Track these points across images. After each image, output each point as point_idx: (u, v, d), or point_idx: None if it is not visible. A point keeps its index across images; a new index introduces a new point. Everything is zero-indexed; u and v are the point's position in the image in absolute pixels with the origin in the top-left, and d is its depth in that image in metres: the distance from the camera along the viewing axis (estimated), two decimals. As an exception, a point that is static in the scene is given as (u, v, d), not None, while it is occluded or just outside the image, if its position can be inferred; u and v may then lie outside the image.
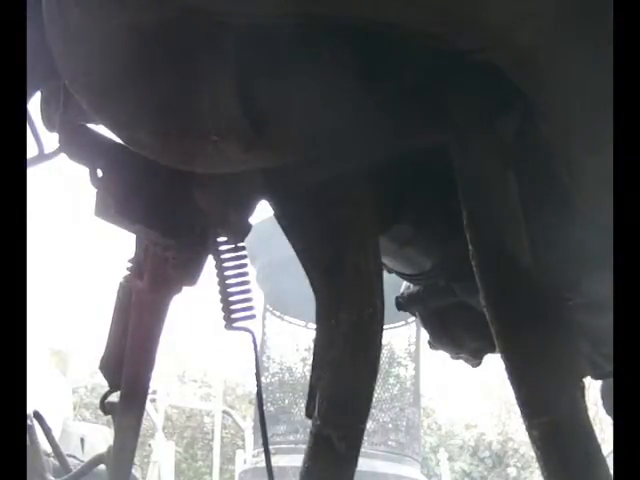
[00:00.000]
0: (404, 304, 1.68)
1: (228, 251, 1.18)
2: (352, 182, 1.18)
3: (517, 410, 1.02)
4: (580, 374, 1.83)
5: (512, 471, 7.93)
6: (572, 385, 1.02)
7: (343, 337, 1.11)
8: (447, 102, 1.08)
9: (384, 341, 1.19)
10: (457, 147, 1.10)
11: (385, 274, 1.26)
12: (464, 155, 1.10)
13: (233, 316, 1.19)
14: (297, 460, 1.17)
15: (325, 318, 1.15)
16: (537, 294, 1.05)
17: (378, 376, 1.17)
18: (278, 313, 6.21)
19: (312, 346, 1.17)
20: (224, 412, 7.71)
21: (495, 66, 0.90)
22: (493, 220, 1.09)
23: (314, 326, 1.18)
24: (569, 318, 1.55)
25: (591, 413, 1.01)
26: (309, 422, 1.09)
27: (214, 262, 1.19)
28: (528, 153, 1.12)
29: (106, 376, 1.23)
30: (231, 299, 1.19)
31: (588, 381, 1.94)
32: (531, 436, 0.98)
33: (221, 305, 1.19)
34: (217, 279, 1.19)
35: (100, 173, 1.07)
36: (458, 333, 1.74)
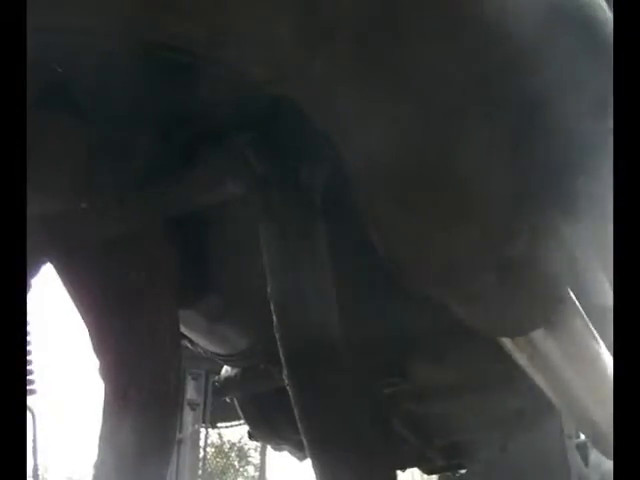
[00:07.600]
0: (220, 389, 1.49)
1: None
2: (145, 243, 1.04)
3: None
4: (397, 467, 1.66)
5: None
6: None
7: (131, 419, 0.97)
8: (245, 150, 0.93)
9: (235, 438, 1.08)
10: (259, 204, 0.95)
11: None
12: (267, 214, 0.95)
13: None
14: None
15: (113, 396, 1.00)
16: (345, 380, 0.94)
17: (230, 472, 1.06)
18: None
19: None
20: None
21: (300, 109, 0.75)
22: (300, 296, 0.95)
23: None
24: (390, 407, 1.38)
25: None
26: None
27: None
28: (344, 211, 0.92)
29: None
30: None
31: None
32: None
33: None
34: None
35: None
36: (279, 422, 1.53)
